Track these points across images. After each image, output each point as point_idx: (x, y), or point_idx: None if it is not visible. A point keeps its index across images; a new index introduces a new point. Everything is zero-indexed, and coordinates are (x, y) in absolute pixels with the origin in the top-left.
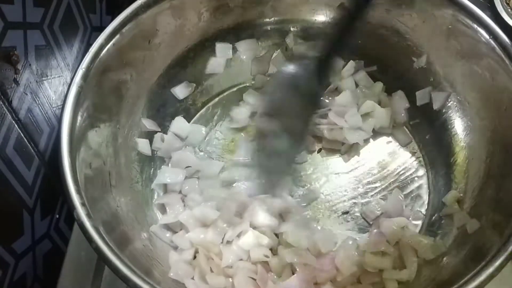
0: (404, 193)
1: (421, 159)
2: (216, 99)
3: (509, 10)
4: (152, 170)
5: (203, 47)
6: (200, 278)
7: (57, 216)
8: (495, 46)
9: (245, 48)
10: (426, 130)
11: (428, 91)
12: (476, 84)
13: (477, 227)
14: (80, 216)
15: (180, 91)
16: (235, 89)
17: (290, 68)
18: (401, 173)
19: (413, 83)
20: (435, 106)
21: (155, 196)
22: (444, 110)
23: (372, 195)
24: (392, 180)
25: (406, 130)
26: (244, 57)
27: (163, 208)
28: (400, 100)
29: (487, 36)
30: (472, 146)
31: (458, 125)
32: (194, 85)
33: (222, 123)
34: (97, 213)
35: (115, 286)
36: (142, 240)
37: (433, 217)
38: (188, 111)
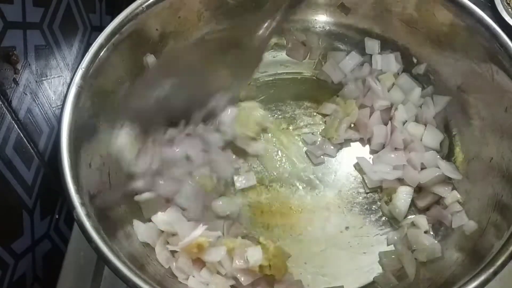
0: None
1: None
2: None
3: (510, 10)
4: None
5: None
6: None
7: (57, 216)
8: (496, 46)
9: None
10: None
11: (430, 91)
12: (476, 84)
13: (474, 229)
14: (79, 216)
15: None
16: None
17: None
18: None
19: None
20: (436, 110)
21: None
22: (444, 113)
23: None
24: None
25: None
26: None
27: None
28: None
29: (487, 36)
30: (472, 147)
31: (458, 125)
32: None
33: None
34: (96, 214)
35: (115, 286)
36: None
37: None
38: None
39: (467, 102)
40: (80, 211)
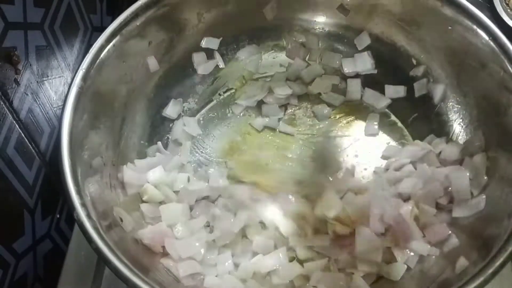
0: None
1: None
2: (220, 98)
3: (509, 10)
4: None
5: (203, 48)
6: None
7: (58, 216)
8: (495, 47)
9: (247, 55)
10: (426, 132)
11: (426, 82)
12: (475, 86)
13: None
14: (80, 216)
15: (172, 110)
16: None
17: None
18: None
19: (412, 82)
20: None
21: None
22: (443, 111)
23: None
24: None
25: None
26: (248, 61)
27: None
28: None
29: (486, 38)
30: (471, 148)
31: (457, 126)
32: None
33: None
34: (97, 214)
35: (116, 286)
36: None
37: None
38: (188, 112)
39: (466, 103)
40: (81, 212)
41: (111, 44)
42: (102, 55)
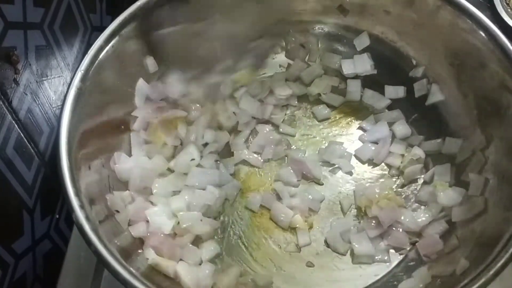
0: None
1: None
2: None
3: (509, 10)
4: None
5: None
6: None
7: (57, 216)
8: (494, 47)
9: None
10: (426, 132)
11: (426, 82)
12: (475, 86)
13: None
14: (79, 218)
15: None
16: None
17: None
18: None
19: (412, 83)
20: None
21: None
22: (443, 112)
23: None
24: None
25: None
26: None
27: None
28: None
29: (486, 38)
30: (471, 149)
31: (457, 127)
32: None
33: None
34: (96, 216)
35: (115, 286)
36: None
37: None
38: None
39: (466, 104)
40: (79, 214)
41: (110, 44)
42: (101, 56)
